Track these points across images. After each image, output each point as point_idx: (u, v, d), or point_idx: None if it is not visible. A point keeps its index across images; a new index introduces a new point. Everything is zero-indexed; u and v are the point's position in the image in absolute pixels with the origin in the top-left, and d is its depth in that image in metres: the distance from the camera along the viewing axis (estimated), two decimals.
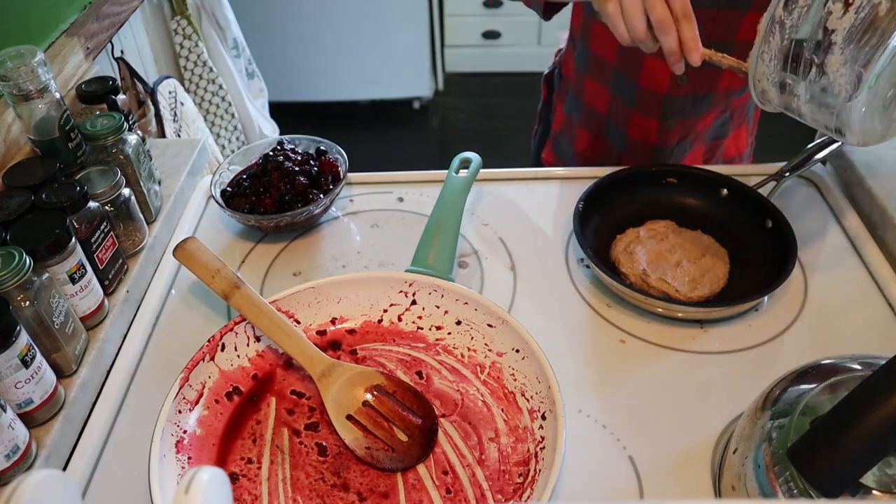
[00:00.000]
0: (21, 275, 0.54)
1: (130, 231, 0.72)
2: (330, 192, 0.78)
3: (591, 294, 0.72)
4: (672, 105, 0.88)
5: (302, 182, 0.77)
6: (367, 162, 1.23)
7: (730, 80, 0.85)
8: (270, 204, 0.77)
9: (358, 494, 0.54)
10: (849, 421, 0.39)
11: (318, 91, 2.62)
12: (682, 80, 0.84)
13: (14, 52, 0.64)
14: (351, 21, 2.44)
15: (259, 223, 0.77)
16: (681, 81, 0.85)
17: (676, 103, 0.88)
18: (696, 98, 0.87)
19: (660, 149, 0.93)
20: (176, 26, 1.56)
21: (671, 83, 0.85)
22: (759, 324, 0.68)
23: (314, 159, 0.81)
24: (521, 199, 0.85)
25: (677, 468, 0.56)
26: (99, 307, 0.65)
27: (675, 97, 0.87)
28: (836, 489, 0.39)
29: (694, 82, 0.85)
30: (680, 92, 0.86)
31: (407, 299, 0.67)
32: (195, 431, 0.57)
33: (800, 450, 0.42)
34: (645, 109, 0.89)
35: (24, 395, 0.54)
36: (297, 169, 0.78)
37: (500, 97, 2.80)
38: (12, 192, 0.63)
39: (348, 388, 0.60)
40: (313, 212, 0.77)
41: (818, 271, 0.73)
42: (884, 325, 0.67)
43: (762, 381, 0.53)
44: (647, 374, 0.64)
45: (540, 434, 0.55)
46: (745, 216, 0.76)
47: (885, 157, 0.83)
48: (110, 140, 0.71)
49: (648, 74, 0.86)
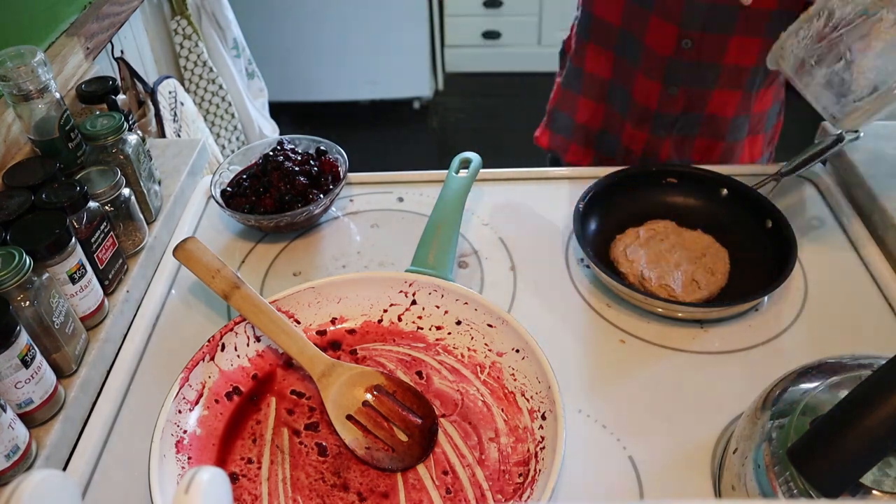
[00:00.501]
0: (21, 275, 0.54)
1: (130, 231, 0.72)
2: (330, 192, 0.78)
3: (591, 294, 0.72)
4: (676, 69, 0.87)
5: (302, 182, 0.77)
6: (367, 162, 1.23)
7: (739, 54, 0.84)
8: (270, 204, 0.77)
9: (358, 494, 0.54)
10: (849, 421, 0.39)
11: (318, 91, 2.62)
12: (686, 43, 0.84)
13: (14, 52, 0.64)
14: (351, 21, 2.44)
15: (259, 223, 0.77)
16: (685, 45, 0.84)
17: (680, 68, 0.86)
18: (700, 66, 0.86)
19: (662, 116, 0.91)
20: (176, 26, 1.56)
21: (676, 46, 0.85)
22: (759, 324, 0.68)
23: (314, 159, 0.81)
24: (520, 199, 0.85)
25: (677, 468, 0.56)
26: (99, 307, 0.65)
27: (678, 61, 0.86)
28: (836, 489, 0.39)
29: (699, 48, 0.84)
30: (684, 57, 0.85)
31: (407, 299, 0.67)
32: (195, 431, 0.57)
33: (800, 450, 0.42)
34: (648, 71, 0.89)
35: (24, 395, 0.54)
36: (297, 169, 0.78)
37: (500, 97, 2.80)
38: (12, 192, 0.63)
39: (348, 388, 0.60)
40: (313, 212, 0.77)
41: (818, 271, 0.73)
42: (884, 325, 0.67)
43: (762, 381, 0.53)
44: (647, 374, 0.64)
45: (540, 434, 0.55)
46: (745, 216, 0.76)
47: (885, 157, 0.83)
48: (110, 140, 0.71)
49: (654, 35, 0.85)
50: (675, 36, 0.84)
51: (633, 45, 0.88)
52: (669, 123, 0.92)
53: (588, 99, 0.98)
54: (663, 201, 0.79)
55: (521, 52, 2.82)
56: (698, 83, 0.88)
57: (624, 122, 0.96)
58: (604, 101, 0.97)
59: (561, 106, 1.03)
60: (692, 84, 0.88)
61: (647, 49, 0.87)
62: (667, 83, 0.89)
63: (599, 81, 0.95)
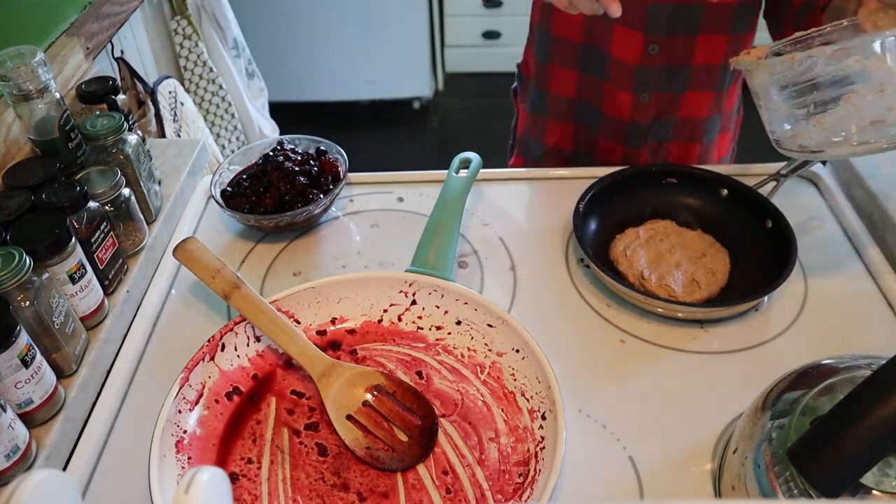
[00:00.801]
0: (21, 275, 0.54)
1: (130, 231, 0.72)
2: (330, 193, 0.78)
3: (591, 294, 0.72)
4: (645, 77, 0.86)
5: (302, 182, 0.77)
6: (367, 162, 1.23)
7: (707, 54, 0.84)
8: (270, 204, 0.77)
9: (358, 494, 0.54)
10: (849, 421, 0.39)
11: (317, 91, 2.62)
12: (652, 49, 0.83)
13: (14, 52, 0.64)
14: (351, 21, 2.44)
15: (259, 223, 0.77)
16: (651, 51, 0.84)
17: (650, 74, 0.86)
18: (669, 70, 0.86)
19: (635, 126, 0.90)
20: (176, 26, 1.56)
21: (643, 52, 0.84)
22: (759, 324, 0.68)
23: (314, 159, 0.81)
24: (521, 199, 0.85)
25: (677, 468, 0.56)
26: (99, 307, 0.65)
27: (647, 68, 0.85)
28: (836, 489, 0.39)
29: (666, 53, 0.84)
30: (652, 62, 0.85)
31: (407, 299, 0.67)
32: (195, 431, 0.57)
33: (800, 450, 0.42)
34: (618, 82, 0.88)
35: (24, 395, 0.54)
36: (297, 169, 0.78)
37: (500, 97, 2.79)
38: (12, 192, 0.63)
39: (348, 388, 0.60)
40: (313, 212, 0.77)
41: (818, 271, 0.73)
42: (884, 325, 0.67)
43: (762, 381, 0.53)
44: (647, 374, 0.64)
45: (540, 434, 0.55)
46: (745, 216, 0.76)
47: (885, 157, 0.83)
48: (110, 140, 0.71)
49: (619, 45, 0.84)
50: (640, 42, 0.83)
51: (598, 58, 0.88)
52: (643, 132, 0.92)
53: (556, 122, 0.97)
54: (663, 201, 0.79)
55: (521, 52, 2.81)
56: (669, 88, 0.88)
57: (597, 138, 0.95)
58: (572, 121, 0.96)
59: (530, 132, 1.01)
60: (663, 89, 0.88)
61: (613, 60, 0.86)
62: (637, 91, 0.88)
63: (566, 101, 0.94)
